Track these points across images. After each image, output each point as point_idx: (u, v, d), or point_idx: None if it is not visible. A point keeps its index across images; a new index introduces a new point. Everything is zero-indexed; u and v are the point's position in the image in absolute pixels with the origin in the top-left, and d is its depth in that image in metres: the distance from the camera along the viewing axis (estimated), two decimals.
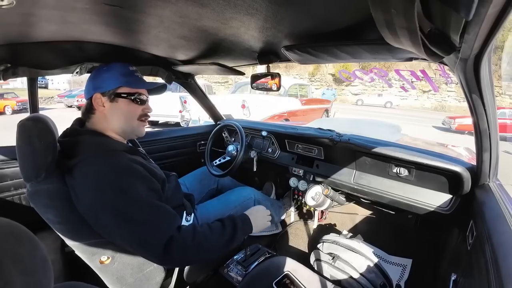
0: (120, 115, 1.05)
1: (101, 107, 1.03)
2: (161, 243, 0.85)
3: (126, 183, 0.90)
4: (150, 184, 0.97)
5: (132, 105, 1.07)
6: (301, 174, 1.84)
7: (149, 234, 0.87)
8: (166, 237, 0.86)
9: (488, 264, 0.69)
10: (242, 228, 1.04)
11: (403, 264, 1.60)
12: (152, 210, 0.90)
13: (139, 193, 0.90)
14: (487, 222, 0.84)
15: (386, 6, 0.45)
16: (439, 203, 1.28)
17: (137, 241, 0.88)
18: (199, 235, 0.93)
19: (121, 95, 1.04)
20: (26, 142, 0.90)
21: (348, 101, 23.39)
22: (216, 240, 0.96)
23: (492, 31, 0.53)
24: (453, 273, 0.97)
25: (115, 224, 0.87)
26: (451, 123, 11.47)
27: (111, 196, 0.87)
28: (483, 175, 1.09)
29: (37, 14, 0.82)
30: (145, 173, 0.98)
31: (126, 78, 1.05)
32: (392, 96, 21.66)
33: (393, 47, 0.64)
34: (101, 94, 1.02)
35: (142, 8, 0.80)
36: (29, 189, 0.94)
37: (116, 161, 0.95)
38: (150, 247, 0.87)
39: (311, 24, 0.90)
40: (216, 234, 0.97)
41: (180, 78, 1.95)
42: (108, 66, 1.06)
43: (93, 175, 0.89)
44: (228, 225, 1.01)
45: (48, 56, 1.25)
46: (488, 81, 0.77)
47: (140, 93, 1.08)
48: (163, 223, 0.90)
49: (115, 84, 1.03)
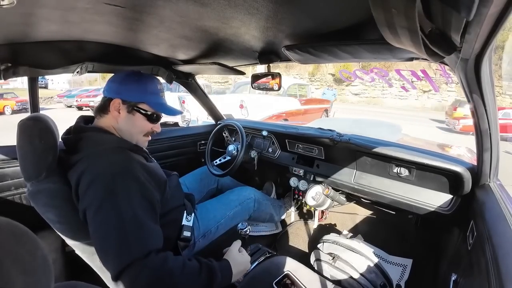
0: (131, 127, 1.06)
1: (116, 112, 1.03)
2: (120, 263, 0.78)
3: (121, 186, 0.88)
4: (146, 193, 0.93)
5: (145, 122, 1.08)
6: (301, 174, 1.84)
7: (114, 246, 0.81)
8: (127, 260, 0.78)
9: (488, 264, 0.69)
10: (219, 283, 0.89)
11: (404, 264, 1.60)
12: (132, 224, 0.84)
13: (129, 201, 0.86)
14: (488, 222, 0.84)
15: (386, 6, 0.45)
16: (440, 203, 1.28)
17: (101, 249, 0.85)
18: (167, 270, 0.81)
19: (140, 110, 1.05)
20: (26, 141, 0.90)
21: (348, 101, 23.24)
22: (185, 283, 0.83)
23: (493, 31, 0.53)
24: (453, 273, 0.97)
25: (93, 223, 0.85)
26: (455, 124, 11.29)
27: (101, 195, 0.85)
28: (484, 175, 1.09)
29: (37, 13, 0.82)
30: (144, 179, 0.95)
31: (152, 97, 1.07)
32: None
33: (394, 47, 0.64)
34: (122, 101, 1.02)
35: (143, 8, 0.80)
36: (30, 189, 0.95)
37: (117, 160, 0.94)
38: (107, 261, 0.82)
39: (312, 23, 0.90)
40: (186, 278, 0.84)
41: (181, 77, 1.95)
42: (140, 77, 1.07)
43: (92, 171, 0.88)
44: (203, 275, 0.87)
45: (49, 55, 1.25)
46: (489, 81, 0.77)
47: (157, 114, 1.10)
48: (135, 243, 0.82)
49: (140, 98, 1.05)
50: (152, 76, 1.11)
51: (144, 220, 0.87)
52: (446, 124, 12.24)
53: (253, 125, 2.15)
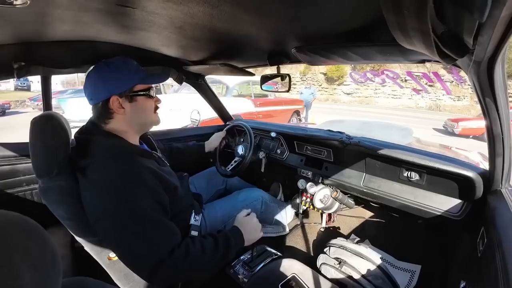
0: (141, 113, 1.06)
1: (121, 109, 1.00)
2: (151, 264, 0.85)
3: (132, 192, 0.89)
4: (157, 197, 0.95)
5: (148, 100, 1.07)
6: (309, 176, 1.82)
7: (141, 250, 0.86)
8: (156, 259, 0.85)
9: (498, 271, 0.67)
10: (235, 246, 1.04)
11: (412, 270, 1.58)
12: (151, 227, 0.89)
13: (143, 206, 0.89)
14: (499, 229, 0.82)
15: (398, 7, 0.45)
16: (450, 208, 1.26)
17: (128, 255, 0.89)
18: (190, 258, 0.91)
19: (138, 93, 1.04)
20: (39, 139, 0.91)
21: (340, 101, 22.79)
22: (207, 261, 0.96)
23: (505, 33, 0.52)
24: (462, 280, 0.96)
25: (112, 232, 0.88)
26: (454, 127, 10.53)
27: (114, 204, 0.87)
28: (496, 180, 1.07)
29: (51, 13, 0.83)
30: (153, 184, 0.96)
31: (137, 75, 1.04)
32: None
33: (405, 48, 0.64)
34: (118, 96, 0.99)
35: (154, 9, 0.81)
36: (41, 185, 0.96)
37: (126, 167, 0.94)
38: (138, 265, 0.88)
39: (322, 25, 0.90)
40: (208, 255, 0.96)
41: (191, 78, 1.96)
42: (113, 65, 1.01)
43: (101, 180, 0.89)
44: (221, 244, 1.00)
45: (62, 55, 1.27)
46: (501, 84, 0.76)
47: (150, 87, 1.09)
48: (159, 242, 0.89)
49: (130, 83, 1.02)
50: (122, 58, 1.05)
51: (160, 220, 0.92)
52: (443, 126, 11.56)
53: (262, 126, 2.15)
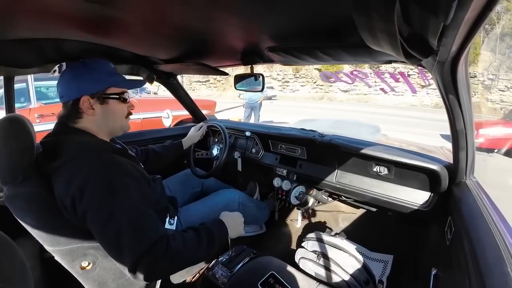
0: (111, 116, 1.03)
1: (90, 110, 0.98)
2: (134, 255, 0.80)
3: (118, 182, 0.87)
4: (141, 186, 0.94)
5: (120, 104, 1.05)
6: (284, 174, 1.85)
7: (127, 241, 0.81)
8: (140, 252, 0.81)
9: (467, 258, 0.71)
10: (218, 238, 1.01)
11: (385, 260, 1.64)
12: (138, 215, 0.85)
13: (131, 195, 0.87)
14: (465, 217, 0.87)
15: (367, 10, 0.46)
16: (418, 200, 1.32)
17: (112, 246, 0.84)
18: (172, 251, 0.86)
19: (110, 96, 1.01)
20: (2, 143, 0.86)
21: (337, 99, 21.73)
22: (190, 253, 0.91)
23: (469, 34, 0.55)
24: (434, 268, 1.01)
25: (99, 221, 0.83)
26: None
27: (100, 195, 0.83)
28: (460, 172, 1.13)
29: (13, 11, 0.79)
30: (136, 173, 0.95)
31: (112, 77, 1.03)
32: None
33: (374, 50, 0.66)
34: (90, 96, 0.97)
35: (123, 6, 0.78)
36: (6, 193, 0.91)
37: (106, 158, 0.92)
38: (123, 255, 0.82)
39: (294, 25, 0.91)
40: (190, 247, 0.91)
41: (162, 77, 1.92)
42: (89, 65, 1.01)
43: (83, 174, 0.85)
44: (203, 236, 0.96)
45: (25, 54, 1.19)
46: (464, 82, 0.80)
47: (125, 92, 1.07)
48: (144, 234, 0.84)
49: (104, 85, 1.00)
50: (98, 59, 1.05)
51: (145, 210, 0.89)
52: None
53: (236, 126, 2.14)
